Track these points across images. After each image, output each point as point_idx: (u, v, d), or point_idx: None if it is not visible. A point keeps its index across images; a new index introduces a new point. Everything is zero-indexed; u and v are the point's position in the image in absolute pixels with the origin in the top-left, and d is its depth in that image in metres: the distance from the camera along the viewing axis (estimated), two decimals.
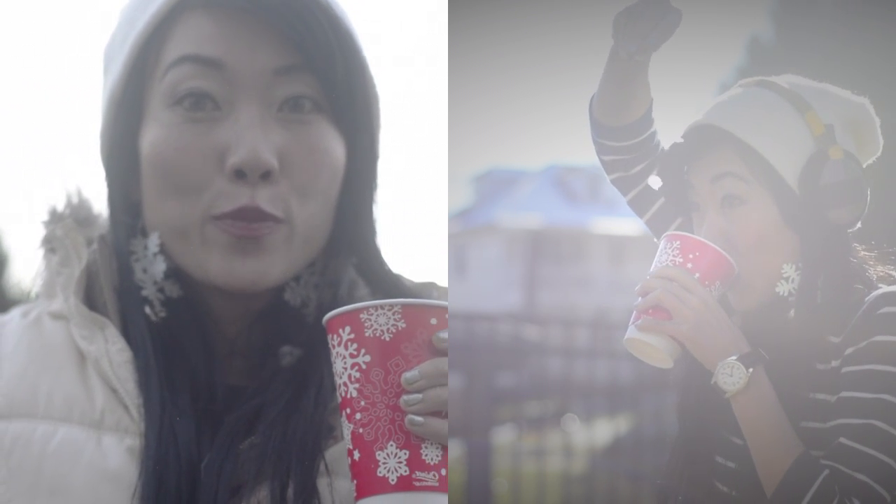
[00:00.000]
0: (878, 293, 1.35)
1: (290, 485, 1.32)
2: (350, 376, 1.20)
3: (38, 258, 1.51)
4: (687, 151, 1.44)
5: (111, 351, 1.41)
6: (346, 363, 1.20)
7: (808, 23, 11.06)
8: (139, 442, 1.36)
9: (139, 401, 1.39)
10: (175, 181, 1.39)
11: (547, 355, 7.68)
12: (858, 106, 1.45)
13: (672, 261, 1.37)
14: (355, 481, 1.20)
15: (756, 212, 1.40)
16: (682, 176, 1.45)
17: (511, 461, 7.22)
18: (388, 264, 1.52)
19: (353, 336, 1.20)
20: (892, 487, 1.27)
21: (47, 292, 1.50)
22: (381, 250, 1.52)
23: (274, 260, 1.40)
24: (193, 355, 1.43)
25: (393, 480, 1.17)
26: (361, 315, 1.20)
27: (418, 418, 1.18)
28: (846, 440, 1.29)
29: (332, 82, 1.42)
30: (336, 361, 1.22)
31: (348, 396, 1.21)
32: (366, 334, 1.19)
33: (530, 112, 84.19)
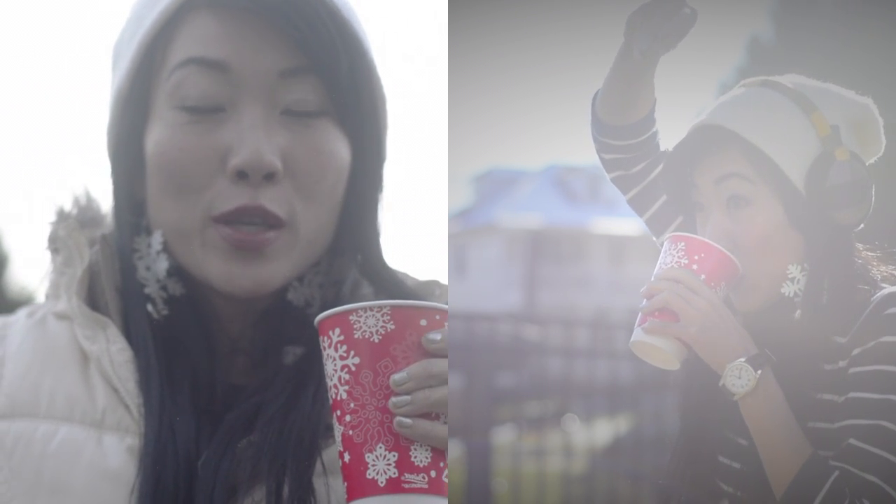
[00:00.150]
0: (883, 293, 1.35)
1: (285, 483, 1.32)
2: (340, 378, 1.20)
3: (45, 259, 1.52)
4: (691, 151, 1.43)
5: (112, 350, 1.41)
6: (336, 365, 1.20)
7: (808, 23, 11.07)
8: (139, 441, 1.36)
9: (139, 400, 1.39)
10: (177, 181, 1.39)
11: (547, 355, 7.67)
12: (862, 106, 1.45)
13: (677, 262, 1.36)
14: (346, 483, 1.20)
15: (762, 212, 1.39)
16: (685, 176, 1.45)
17: (511, 461, 7.23)
18: (391, 264, 1.51)
19: (342, 338, 1.20)
20: None
21: (53, 293, 1.50)
22: (383, 251, 1.51)
23: (276, 268, 1.40)
24: (195, 354, 1.43)
25: (382, 482, 1.17)
26: (351, 317, 1.19)
27: (407, 420, 1.17)
28: (855, 441, 1.29)
29: (337, 85, 1.42)
30: (327, 363, 1.22)
31: (338, 398, 1.20)
32: (355, 336, 1.19)
33: (530, 112, 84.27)
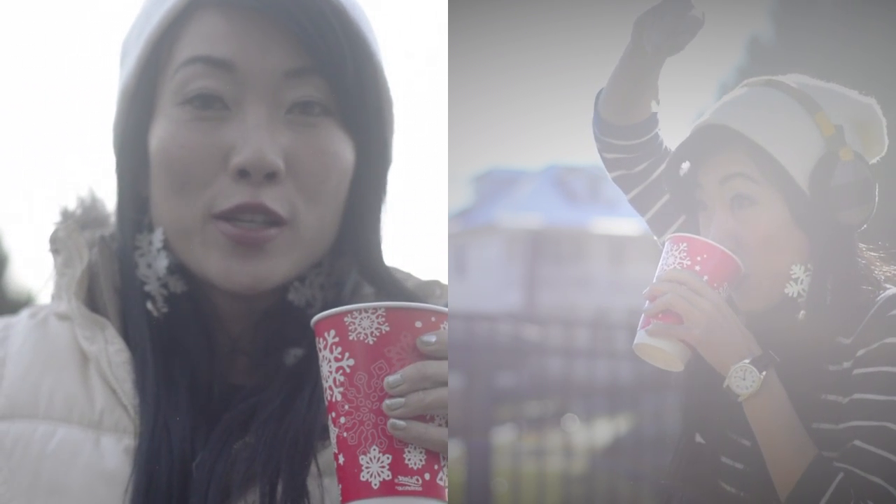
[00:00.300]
0: (888, 294, 1.35)
1: (279, 485, 1.31)
2: (335, 380, 1.19)
3: (46, 259, 1.52)
4: (695, 151, 1.43)
5: (110, 351, 1.41)
6: (331, 367, 1.20)
7: (808, 23, 11.07)
8: (136, 442, 1.36)
9: (137, 401, 1.38)
10: (179, 179, 1.39)
11: (547, 355, 7.67)
12: (866, 106, 1.45)
13: (680, 263, 1.36)
14: (340, 485, 1.20)
15: (766, 212, 1.39)
16: (689, 175, 1.45)
17: (511, 461, 7.22)
18: (391, 264, 1.51)
19: (337, 339, 1.19)
20: None
21: (57, 293, 1.50)
22: (384, 252, 1.51)
23: (275, 264, 1.40)
24: (194, 353, 1.43)
25: (376, 485, 1.17)
26: (346, 318, 1.19)
27: (400, 423, 1.17)
28: (860, 442, 1.29)
29: (342, 86, 1.42)
30: (322, 364, 1.21)
31: (333, 400, 1.20)
32: (350, 338, 1.19)
33: (530, 112, 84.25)
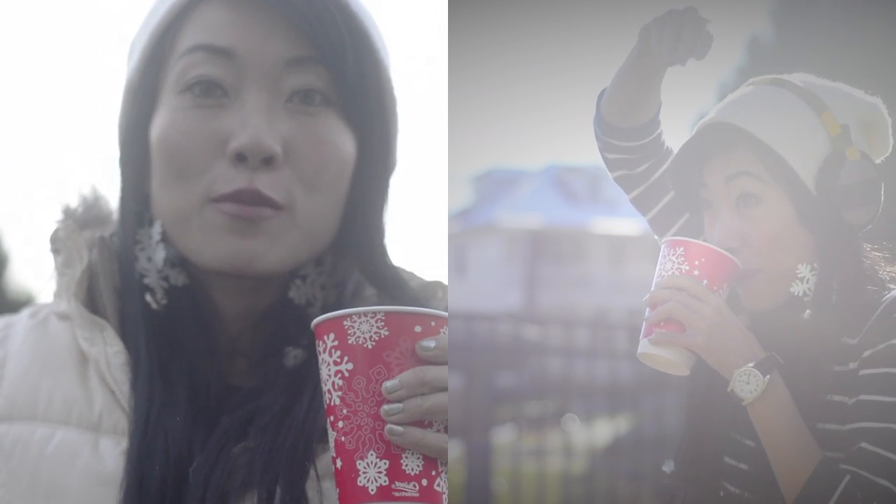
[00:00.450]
0: (894, 295, 1.35)
1: (277, 492, 1.31)
2: (334, 384, 1.19)
3: (47, 259, 1.52)
4: (701, 149, 1.43)
5: (109, 353, 1.41)
6: (330, 370, 1.19)
7: (808, 23, 11.06)
8: None
9: (132, 399, 1.38)
10: (178, 165, 1.39)
11: (547, 355, 7.67)
12: (872, 106, 1.45)
13: (678, 269, 1.35)
14: (338, 490, 1.19)
15: (772, 211, 1.39)
16: (694, 173, 1.44)
17: (511, 461, 7.22)
18: (394, 265, 1.50)
19: (336, 343, 1.19)
20: None
21: (58, 292, 1.50)
22: (387, 251, 1.50)
23: (271, 244, 1.39)
24: (193, 352, 1.43)
25: (372, 490, 1.16)
26: (345, 322, 1.18)
27: (398, 428, 1.16)
28: (867, 445, 1.28)
29: (342, 77, 1.42)
30: (322, 368, 1.21)
31: (332, 404, 1.19)
32: (349, 342, 1.18)
33: (530, 112, 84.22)
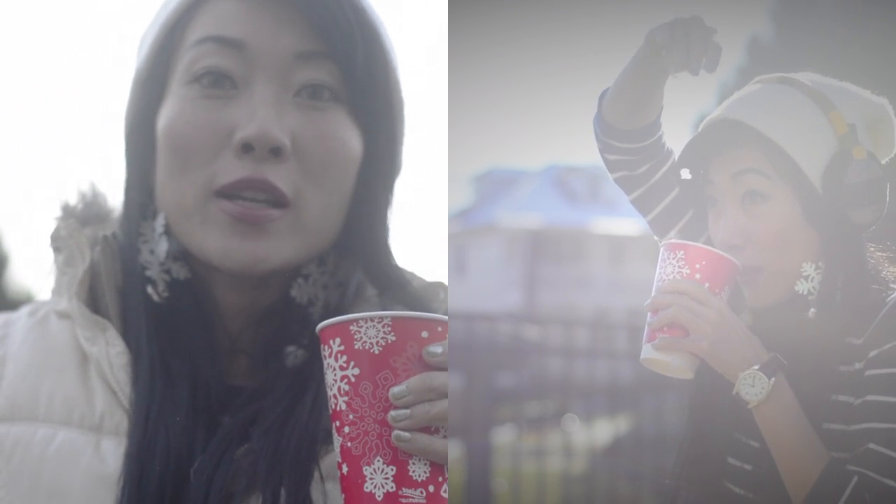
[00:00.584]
0: None
1: (281, 494, 1.30)
2: (340, 389, 1.18)
3: (47, 258, 1.51)
4: (706, 146, 1.42)
5: (111, 354, 1.40)
6: (336, 375, 1.18)
7: (808, 23, 11.05)
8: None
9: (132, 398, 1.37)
10: (182, 155, 1.39)
11: (547, 355, 7.67)
12: (878, 106, 1.45)
13: (679, 272, 1.35)
14: (343, 495, 1.19)
15: (778, 209, 1.39)
16: (699, 170, 1.44)
17: (511, 461, 7.23)
18: (399, 265, 1.50)
19: (342, 348, 1.18)
20: None
21: (56, 290, 1.49)
22: (391, 251, 1.50)
23: (276, 246, 1.38)
24: (194, 348, 1.42)
25: (379, 496, 1.15)
26: (351, 327, 1.17)
27: (405, 434, 1.15)
28: (875, 446, 1.28)
29: (352, 74, 1.42)
30: (327, 373, 1.20)
31: (338, 409, 1.19)
32: (355, 346, 1.17)
33: (530, 112, 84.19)
